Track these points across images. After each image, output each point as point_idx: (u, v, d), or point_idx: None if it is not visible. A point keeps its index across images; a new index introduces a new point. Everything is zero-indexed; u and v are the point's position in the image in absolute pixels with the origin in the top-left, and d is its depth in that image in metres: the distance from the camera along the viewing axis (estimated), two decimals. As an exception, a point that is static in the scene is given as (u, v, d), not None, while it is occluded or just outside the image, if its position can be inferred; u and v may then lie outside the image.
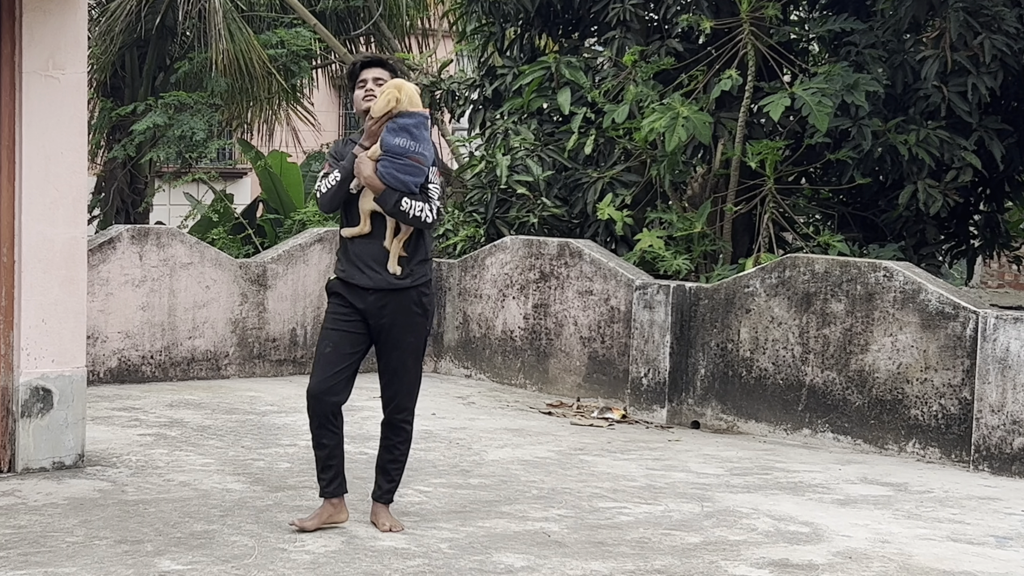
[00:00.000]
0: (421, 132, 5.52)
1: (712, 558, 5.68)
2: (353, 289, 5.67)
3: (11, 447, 6.85)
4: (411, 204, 5.54)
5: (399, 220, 5.57)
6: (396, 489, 5.94)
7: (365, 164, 5.56)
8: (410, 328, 5.72)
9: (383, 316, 5.67)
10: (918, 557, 5.82)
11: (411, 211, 5.54)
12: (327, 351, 5.70)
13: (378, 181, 5.53)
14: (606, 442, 8.42)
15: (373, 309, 5.66)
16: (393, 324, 5.68)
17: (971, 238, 11.75)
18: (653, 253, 10.25)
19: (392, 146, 5.50)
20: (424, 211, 5.57)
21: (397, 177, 5.50)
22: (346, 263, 5.73)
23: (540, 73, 11.59)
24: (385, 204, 5.54)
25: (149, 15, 14.33)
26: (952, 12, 9.88)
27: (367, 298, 5.65)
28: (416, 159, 5.52)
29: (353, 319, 5.70)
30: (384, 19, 16.20)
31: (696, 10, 10.92)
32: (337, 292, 5.74)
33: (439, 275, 11.32)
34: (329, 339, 5.72)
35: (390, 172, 5.51)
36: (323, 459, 5.76)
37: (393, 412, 5.85)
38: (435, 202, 5.62)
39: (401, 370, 5.77)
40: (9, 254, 6.79)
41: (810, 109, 9.78)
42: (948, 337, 7.98)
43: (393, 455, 5.86)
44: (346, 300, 5.70)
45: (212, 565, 5.26)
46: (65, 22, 6.85)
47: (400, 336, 5.71)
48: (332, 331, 5.72)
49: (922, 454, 8.08)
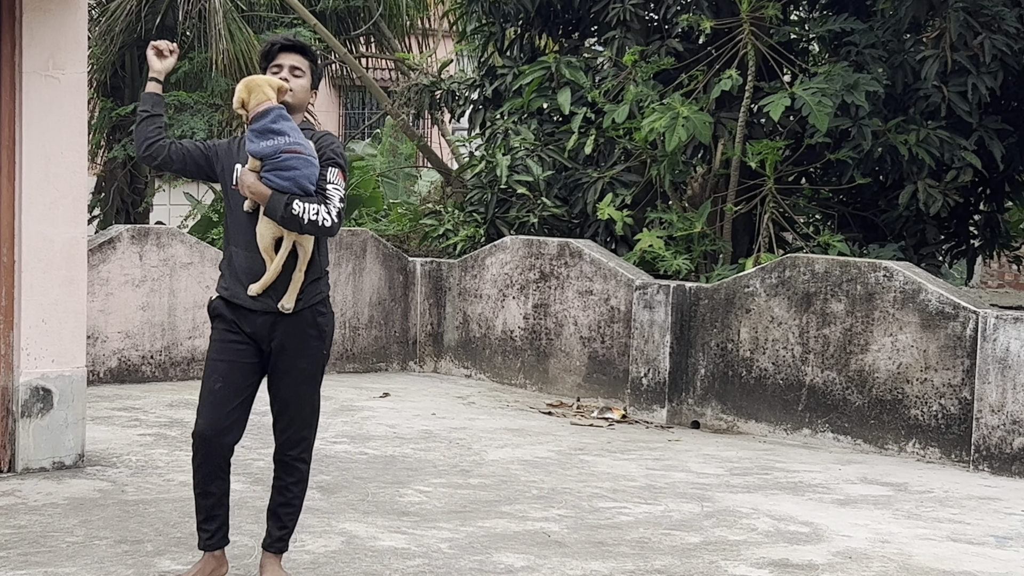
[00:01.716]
0: (283, 124, 4.81)
1: (712, 558, 5.68)
2: (239, 310, 4.88)
3: (11, 447, 6.85)
4: (304, 207, 4.72)
5: (292, 228, 4.75)
6: (290, 536, 5.08)
7: (247, 175, 4.81)
8: (303, 353, 4.91)
9: (273, 339, 4.88)
10: (918, 557, 5.82)
11: (305, 215, 4.72)
12: (216, 386, 4.89)
13: (263, 187, 4.75)
14: (606, 442, 8.42)
15: (262, 332, 4.87)
16: (284, 349, 4.89)
17: (971, 238, 11.76)
18: (653, 253, 10.26)
19: (261, 152, 4.78)
20: (321, 214, 4.74)
21: (284, 176, 4.76)
22: (230, 279, 4.93)
23: (540, 73, 11.59)
24: (275, 212, 4.73)
25: (149, 15, 14.33)
26: (952, 12, 9.88)
27: (255, 320, 4.86)
28: (294, 150, 4.78)
29: (243, 346, 4.90)
30: (384, 19, 16.19)
31: (696, 10, 10.92)
32: (221, 314, 4.94)
33: (439, 275, 11.33)
34: (217, 372, 4.90)
35: (276, 174, 4.76)
36: (208, 508, 4.96)
37: (286, 448, 5.02)
38: (335, 204, 4.79)
39: (294, 401, 4.96)
40: (9, 254, 6.79)
41: (810, 109, 9.78)
42: (948, 337, 7.98)
43: (285, 497, 5.02)
44: (232, 324, 4.90)
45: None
46: (65, 22, 6.85)
47: (292, 362, 4.91)
48: (219, 362, 4.90)
49: (922, 454, 8.08)
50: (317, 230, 4.76)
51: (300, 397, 4.97)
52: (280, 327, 4.86)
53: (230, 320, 4.90)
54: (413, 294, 11.53)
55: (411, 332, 11.55)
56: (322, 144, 4.90)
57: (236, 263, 4.90)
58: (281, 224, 4.75)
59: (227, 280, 4.94)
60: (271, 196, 4.73)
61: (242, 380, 4.90)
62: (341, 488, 6.75)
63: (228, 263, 4.95)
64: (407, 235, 13.22)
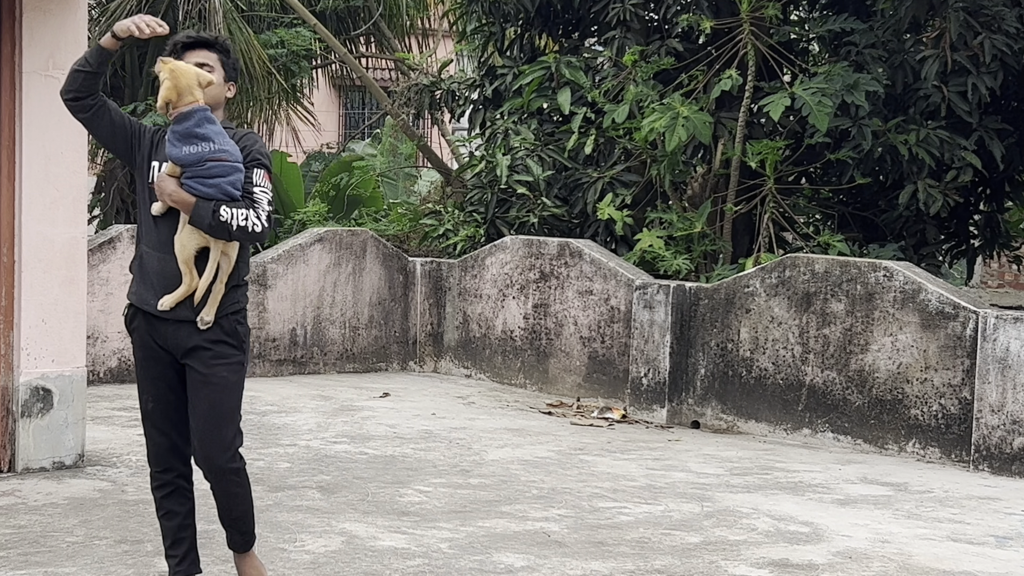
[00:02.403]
0: (208, 128, 4.43)
1: (712, 558, 5.68)
2: (149, 319, 4.55)
3: (11, 447, 6.85)
4: (232, 213, 4.38)
5: (220, 236, 4.41)
6: (253, 531, 4.75)
7: (166, 180, 4.45)
8: (221, 360, 4.53)
9: (189, 349, 4.52)
10: (918, 557, 5.82)
11: (233, 220, 4.38)
12: (150, 407, 4.64)
13: (186, 194, 4.39)
14: (606, 442, 8.42)
15: (175, 342, 4.53)
16: (202, 359, 4.52)
17: (971, 238, 11.76)
18: (653, 253, 10.26)
19: (184, 160, 4.41)
20: (250, 219, 4.41)
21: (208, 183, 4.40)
22: (140, 284, 4.58)
23: (540, 73, 11.59)
24: (202, 221, 4.37)
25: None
26: (952, 12, 9.88)
27: (165, 329, 4.53)
28: (219, 157, 4.41)
29: (163, 358, 4.58)
30: (384, 19, 16.20)
31: (696, 10, 10.92)
32: (136, 327, 4.62)
33: (439, 275, 11.33)
34: (147, 392, 4.65)
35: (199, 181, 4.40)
36: (174, 530, 4.68)
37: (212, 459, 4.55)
38: (263, 207, 4.46)
39: (212, 413, 4.53)
40: (9, 254, 6.79)
41: (810, 109, 9.78)
42: (948, 337, 7.98)
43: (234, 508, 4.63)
44: (147, 337, 4.58)
45: (212, 565, 5.25)
46: (65, 22, 6.85)
47: (210, 371, 4.51)
48: (147, 381, 4.64)
49: (922, 454, 8.08)
50: (247, 236, 4.44)
51: (221, 406, 4.54)
52: (196, 337, 4.50)
53: (144, 331, 4.58)
54: (413, 294, 11.53)
55: (411, 332, 11.55)
56: (246, 144, 4.55)
57: (147, 266, 4.55)
58: (209, 233, 4.41)
59: (137, 285, 4.60)
60: (196, 204, 4.38)
61: (173, 395, 4.61)
62: (341, 488, 6.75)
63: (139, 265, 4.59)
64: (407, 235, 13.23)
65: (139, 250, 4.59)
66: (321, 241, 11.04)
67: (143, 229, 4.59)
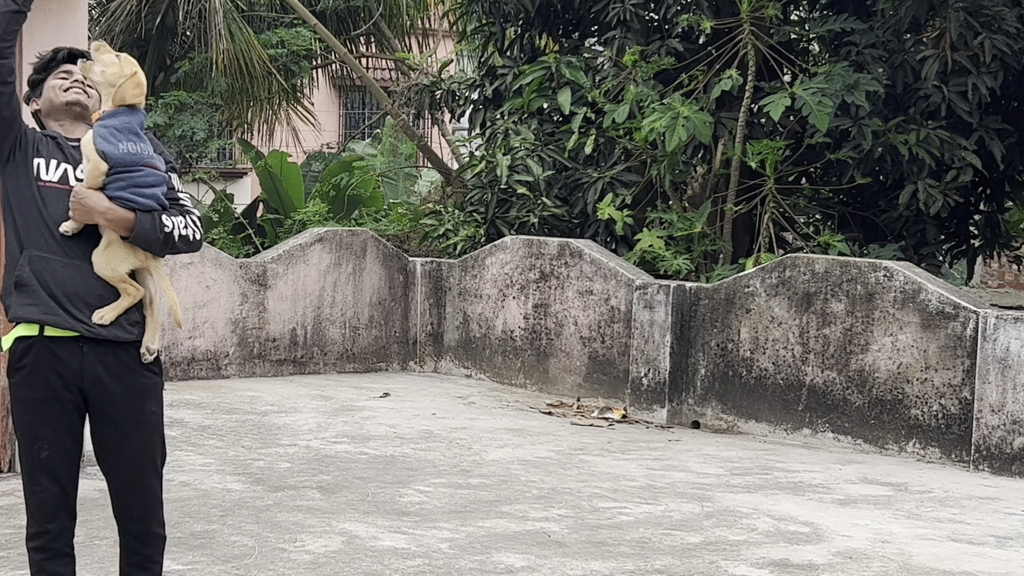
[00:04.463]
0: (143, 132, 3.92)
1: (712, 558, 5.68)
2: (55, 344, 3.72)
3: (11, 447, 6.85)
4: (173, 222, 3.84)
5: (164, 250, 3.87)
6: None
7: (93, 197, 3.73)
8: (147, 393, 3.84)
9: (104, 379, 3.76)
10: (918, 557, 5.82)
11: (176, 231, 3.85)
12: (43, 455, 3.81)
13: (123, 212, 3.74)
14: (606, 442, 8.42)
15: (90, 372, 3.75)
16: (119, 392, 3.78)
17: (971, 238, 11.76)
18: (653, 253, 10.26)
19: (122, 157, 3.79)
20: (189, 227, 3.90)
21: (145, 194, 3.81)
22: (41, 296, 3.72)
23: (540, 73, 11.59)
24: (149, 236, 3.77)
25: (149, 15, 14.34)
26: (952, 12, 9.88)
27: (74, 356, 3.73)
28: (154, 164, 3.87)
29: (64, 396, 3.76)
30: (384, 19, 16.21)
31: (696, 10, 10.92)
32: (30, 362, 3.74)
33: (439, 275, 11.33)
34: (38, 438, 3.79)
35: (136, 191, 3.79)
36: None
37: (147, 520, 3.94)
38: (194, 214, 3.97)
39: (146, 459, 3.88)
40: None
41: (810, 109, 9.78)
42: (948, 337, 7.98)
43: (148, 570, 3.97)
44: (48, 374, 3.73)
45: (212, 565, 5.25)
46: (65, 22, 6.85)
47: (136, 407, 3.81)
48: (39, 426, 3.77)
49: (922, 454, 8.08)
50: (188, 245, 3.93)
51: (155, 448, 3.91)
52: (112, 364, 3.77)
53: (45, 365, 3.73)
54: (413, 294, 11.53)
55: (411, 332, 11.55)
56: (160, 149, 4.00)
57: (55, 276, 3.71)
58: (155, 249, 3.84)
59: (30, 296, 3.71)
60: (137, 219, 3.75)
61: (71, 440, 3.83)
62: (341, 488, 6.75)
63: (34, 276, 3.71)
64: (407, 235, 13.23)
65: (28, 257, 3.73)
66: (321, 241, 11.04)
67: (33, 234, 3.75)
